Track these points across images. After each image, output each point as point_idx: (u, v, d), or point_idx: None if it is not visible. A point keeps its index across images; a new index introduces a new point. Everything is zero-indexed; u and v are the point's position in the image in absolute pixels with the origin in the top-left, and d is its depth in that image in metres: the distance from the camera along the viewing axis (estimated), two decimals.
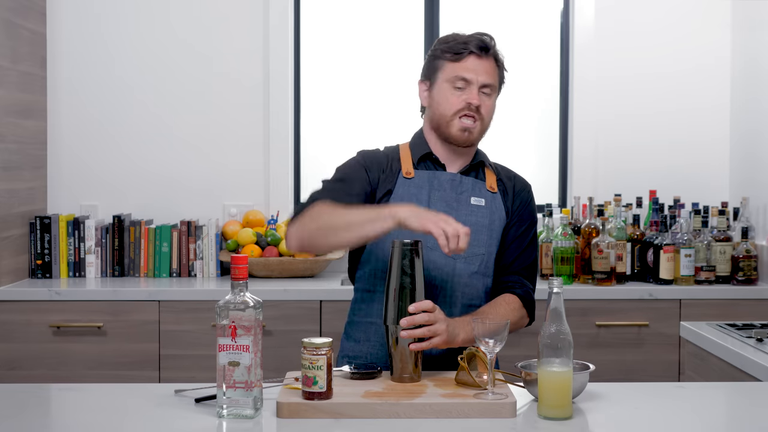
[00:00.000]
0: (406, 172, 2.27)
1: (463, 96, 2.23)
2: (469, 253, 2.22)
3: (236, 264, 1.82)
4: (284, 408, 1.81)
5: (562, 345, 1.78)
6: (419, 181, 2.26)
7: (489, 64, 2.24)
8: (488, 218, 2.27)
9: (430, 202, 2.24)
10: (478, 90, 2.23)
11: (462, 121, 2.24)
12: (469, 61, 2.22)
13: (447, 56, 2.24)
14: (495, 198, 2.31)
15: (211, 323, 3.42)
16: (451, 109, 2.24)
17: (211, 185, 4.00)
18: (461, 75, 2.22)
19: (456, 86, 2.23)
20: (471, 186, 2.29)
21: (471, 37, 2.24)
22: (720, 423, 1.91)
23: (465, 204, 2.26)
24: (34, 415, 1.89)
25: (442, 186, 2.27)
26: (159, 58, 3.99)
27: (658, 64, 4.05)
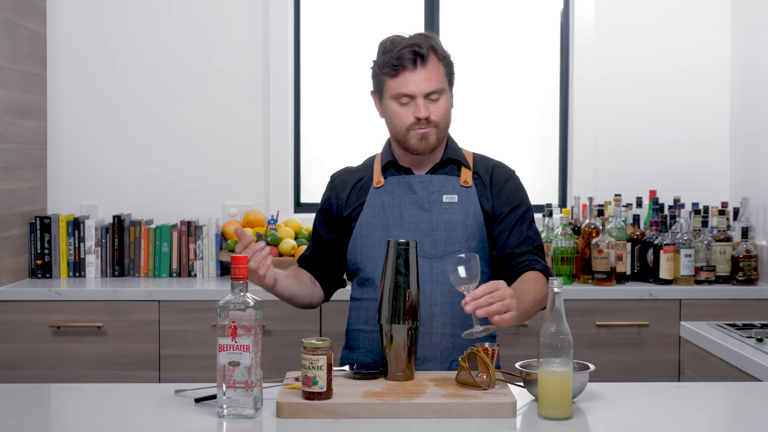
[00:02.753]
0: (377, 182, 2.32)
1: (410, 111, 2.23)
2: (444, 251, 2.23)
3: (236, 264, 1.82)
4: (284, 408, 1.81)
5: (562, 345, 1.78)
6: (389, 188, 2.31)
7: (428, 70, 2.23)
8: (462, 214, 2.27)
9: (402, 206, 2.28)
10: (423, 100, 2.22)
11: (416, 132, 2.24)
12: (407, 76, 2.22)
13: (386, 72, 2.24)
14: (469, 192, 2.30)
15: (211, 323, 3.42)
16: (403, 125, 2.25)
17: (211, 185, 4.00)
18: (402, 92, 2.23)
19: (401, 102, 2.24)
20: (442, 184, 2.30)
21: (403, 49, 2.22)
22: (720, 423, 1.91)
23: (437, 203, 2.27)
24: (34, 415, 1.89)
25: (412, 189, 2.29)
26: (159, 59, 3.99)
27: (658, 64, 4.05)
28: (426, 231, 2.25)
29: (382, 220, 2.28)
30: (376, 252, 2.25)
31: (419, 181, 2.30)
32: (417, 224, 2.26)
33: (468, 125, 4.19)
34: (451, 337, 2.24)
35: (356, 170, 2.41)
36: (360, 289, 2.32)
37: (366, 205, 2.31)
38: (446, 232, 2.25)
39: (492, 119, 4.19)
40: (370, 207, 2.30)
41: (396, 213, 2.27)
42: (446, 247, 2.24)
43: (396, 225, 2.26)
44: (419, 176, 2.31)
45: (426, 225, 2.25)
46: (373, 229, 2.28)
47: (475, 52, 4.18)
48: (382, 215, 2.29)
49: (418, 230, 2.25)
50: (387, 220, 2.27)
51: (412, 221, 2.26)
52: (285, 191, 3.99)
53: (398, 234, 2.25)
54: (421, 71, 2.22)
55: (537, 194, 4.14)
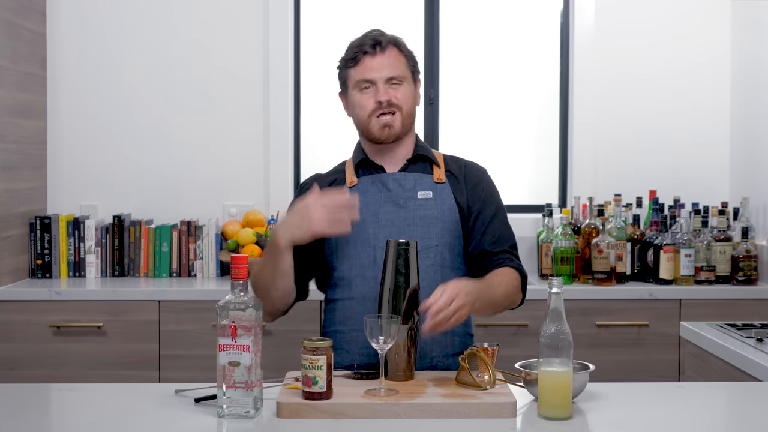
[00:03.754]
0: (350, 182, 2.31)
1: (372, 96, 2.25)
2: (421, 246, 2.22)
3: (236, 264, 1.82)
4: (284, 408, 1.81)
5: (562, 345, 1.78)
6: (363, 187, 2.30)
7: (387, 57, 2.26)
8: (438, 209, 2.27)
9: (378, 204, 2.27)
10: (384, 85, 2.25)
11: (379, 120, 2.26)
12: (366, 62, 2.26)
13: (348, 64, 2.29)
14: (443, 188, 2.30)
15: (211, 323, 3.42)
16: (365, 111, 2.27)
17: (211, 185, 4.00)
18: (363, 77, 2.26)
19: (362, 88, 2.27)
20: (416, 180, 2.30)
21: (363, 38, 2.28)
22: (720, 423, 1.91)
23: (412, 199, 2.27)
24: (34, 415, 1.89)
25: (386, 186, 2.29)
26: (159, 59, 3.99)
27: (658, 64, 4.04)
28: (402, 227, 2.24)
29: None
30: (351, 250, 2.25)
31: (393, 179, 2.30)
32: (392, 221, 2.25)
33: (468, 125, 4.20)
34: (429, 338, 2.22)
35: (326, 175, 2.40)
36: (333, 291, 2.29)
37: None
38: (422, 227, 2.25)
39: (492, 119, 4.19)
40: None
41: (371, 210, 2.26)
42: (423, 242, 2.23)
43: (371, 222, 2.25)
44: (393, 174, 2.31)
45: (402, 221, 2.24)
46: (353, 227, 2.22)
47: (475, 52, 4.18)
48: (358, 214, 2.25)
49: (394, 227, 2.24)
50: (362, 218, 2.24)
51: (387, 218, 2.25)
52: (285, 191, 3.99)
53: (374, 232, 2.24)
54: (380, 57, 2.26)
55: (537, 194, 4.15)
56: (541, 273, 3.74)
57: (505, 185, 4.14)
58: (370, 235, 2.24)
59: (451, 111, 4.18)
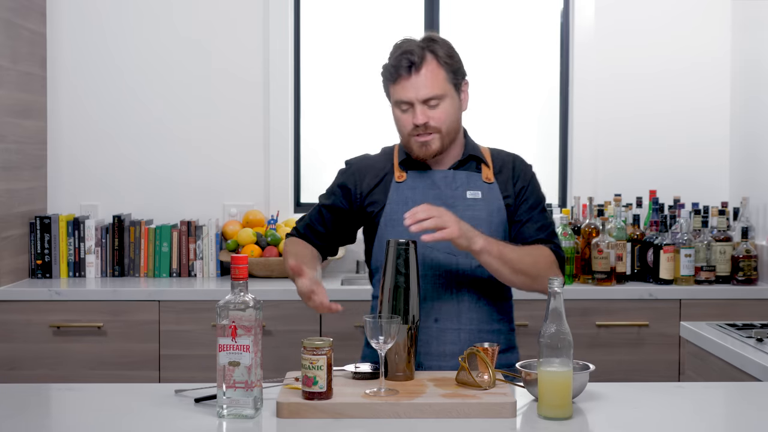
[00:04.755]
0: (398, 176, 2.30)
1: (410, 118, 2.24)
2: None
3: (236, 264, 1.82)
4: (284, 408, 1.81)
5: (562, 345, 1.78)
6: (412, 183, 2.29)
7: (424, 76, 2.21)
8: (486, 210, 2.27)
9: (427, 200, 2.24)
10: (421, 107, 2.22)
11: (417, 139, 2.25)
12: (403, 83, 2.22)
13: (387, 78, 2.27)
14: (492, 188, 2.30)
15: (211, 323, 3.42)
16: (404, 131, 2.27)
17: (211, 185, 4.00)
18: (401, 99, 2.24)
19: (402, 109, 2.25)
20: (465, 180, 2.30)
21: (400, 56, 2.22)
22: (720, 423, 1.91)
23: (461, 199, 2.27)
24: (34, 415, 1.89)
25: (435, 184, 2.29)
26: (159, 59, 3.99)
27: (658, 64, 4.05)
28: None
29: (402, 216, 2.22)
30: None
31: (442, 177, 2.30)
32: None
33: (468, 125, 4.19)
34: (478, 332, 2.26)
35: (375, 159, 2.38)
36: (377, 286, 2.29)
37: (389, 200, 2.28)
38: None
39: (492, 119, 4.18)
40: (394, 203, 2.28)
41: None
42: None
43: None
44: (442, 171, 2.30)
45: None
46: (398, 225, 2.23)
47: (475, 52, 4.18)
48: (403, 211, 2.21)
49: None
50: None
51: None
52: (285, 191, 3.99)
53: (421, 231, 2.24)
54: (415, 79, 2.21)
55: None
56: None
57: None
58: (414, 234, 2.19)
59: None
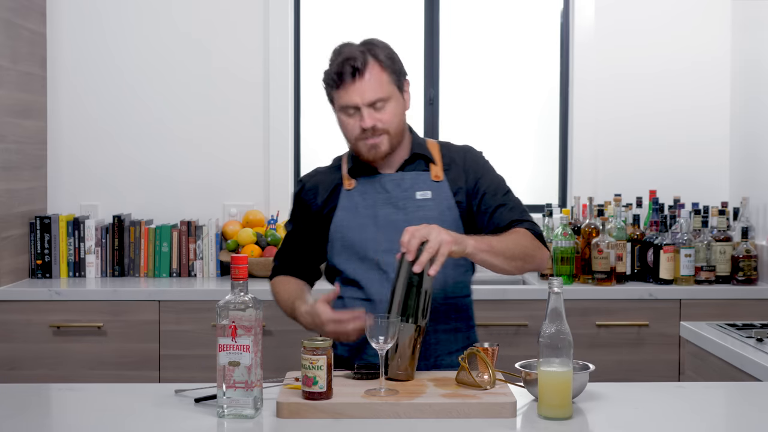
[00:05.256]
0: (347, 184, 2.32)
1: (357, 122, 2.24)
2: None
3: (236, 264, 1.82)
4: (284, 408, 1.81)
5: (562, 345, 1.78)
6: (361, 189, 2.31)
7: (368, 80, 2.21)
8: (437, 210, 2.27)
9: (375, 206, 2.27)
10: (368, 110, 2.21)
11: (365, 142, 2.25)
12: (348, 88, 2.22)
13: (331, 84, 2.26)
14: (441, 187, 2.30)
15: (211, 323, 3.42)
16: (351, 135, 2.27)
17: (211, 185, 4.00)
18: (347, 104, 2.23)
19: (348, 114, 2.25)
20: (413, 180, 2.30)
21: (343, 63, 2.22)
22: (720, 423, 1.91)
23: (411, 200, 2.28)
24: (34, 415, 1.89)
25: (384, 188, 2.29)
26: (159, 59, 3.99)
27: (658, 64, 4.04)
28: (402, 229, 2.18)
29: (356, 221, 2.27)
30: (354, 254, 2.27)
31: (391, 180, 2.30)
32: (392, 223, 2.25)
33: (468, 125, 4.19)
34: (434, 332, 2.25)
35: (326, 171, 2.42)
36: (344, 288, 2.30)
37: (339, 207, 2.30)
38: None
39: (492, 119, 4.19)
40: (344, 209, 2.30)
41: (370, 213, 2.27)
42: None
43: (371, 225, 2.26)
44: (390, 175, 2.31)
45: (402, 223, 2.20)
46: (349, 231, 2.28)
47: (475, 52, 4.18)
48: (356, 216, 2.28)
49: (394, 229, 2.20)
50: (362, 221, 2.26)
51: (387, 220, 2.26)
52: (285, 191, 3.99)
53: (374, 235, 2.25)
54: (359, 83, 2.21)
55: (537, 194, 4.15)
56: (541, 273, 3.73)
57: None
58: (370, 238, 2.26)
59: (451, 110, 4.18)
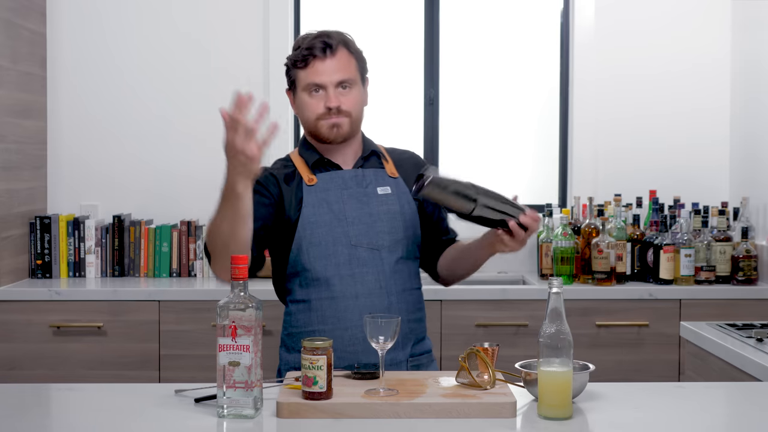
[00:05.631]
0: (308, 180, 2.30)
1: (321, 101, 2.26)
2: (390, 240, 2.28)
3: (236, 264, 1.82)
4: (284, 408, 1.81)
5: (562, 345, 1.78)
6: (323, 185, 2.30)
7: (338, 60, 2.25)
8: (398, 204, 2.32)
9: (341, 201, 2.28)
10: (334, 90, 2.25)
11: (327, 121, 2.27)
12: (317, 66, 2.25)
13: (297, 65, 2.28)
14: (398, 183, 2.35)
15: (211, 323, 3.42)
16: (313, 114, 2.27)
17: (211, 185, 3.96)
18: (312, 81, 2.25)
19: (312, 92, 2.26)
20: (374, 176, 2.33)
21: (314, 40, 2.26)
22: (720, 423, 1.91)
23: (373, 196, 2.30)
24: (34, 415, 1.89)
25: (346, 183, 2.31)
26: (159, 59, 3.99)
27: (658, 64, 4.04)
28: (370, 223, 2.28)
29: (324, 217, 2.27)
30: (324, 251, 2.25)
31: (352, 176, 2.32)
32: (359, 217, 2.27)
33: (468, 125, 4.20)
34: (408, 322, 2.28)
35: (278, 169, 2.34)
36: (307, 290, 2.28)
37: (305, 204, 2.28)
38: (388, 222, 2.29)
39: (492, 119, 4.19)
40: (310, 206, 2.27)
41: (337, 209, 2.27)
42: (390, 237, 2.28)
43: (340, 221, 2.26)
44: (351, 171, 2.33)
45: (368, 217, 2.27)
46: (317, 227, 2.26)
47: (475, 52, 4.18)
48: (324, 212, 2.27)
49: (362, 223, 2.26)
50: (329, 216, 2.27)
51: (354, 215, 2.27)
52: None
53: (344, 230, 2.25)
54: (330, 61, 2.25)
55: (537, 194, 4.15)
56: (541, 273, 3.74)
57: (505, 185, 4.16)
58: (340, 233, 2.26)
59: (451, 111, 4.18)
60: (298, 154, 2.35)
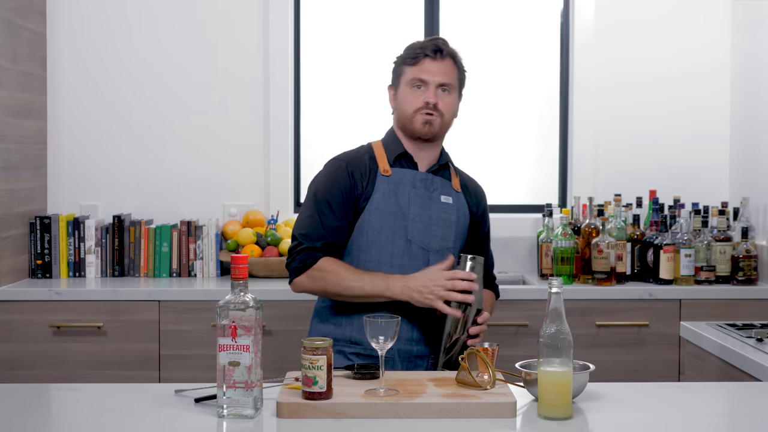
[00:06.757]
0: (384, 170, 2.43)
1: (422, 96, 2.40)
2: (440, 246, 2.41)
3: (236, 264, 1.82)
4: (284, 408, 1.81)
5: (562, 345, 1.78)
6: (397, 178, 2.43)
7: (444, 65, 2.43)
8: (455, 215, 2.46)
9: (408, 198, 2.40)
10: (435, 89, 2.40)
11: (423, 116, 2.40)
12: (425, 64, 2.42)
13: (407, 62, 2.44)
14: (459, 197, 2.50)
15: (211, 323, 3.42)
16: (412, 107, 2.41)
17: (211, 185, 4.00)
18: (418, 77, 2.42)
19: (414, 86, 2.41)
20: (441, 184, 2.47)
21: (427, 42, 2.45)
22: (720, 423, 1.92)
23: (437, 201, 2.44)
24: (34, 415, 1.89)
25: (416, 184, 2.44)
26: (159, 59, 3.99)
27: (658, 65, 4.04)
28: (427, 225, 2.41)
29: (390, 207, 2.39)
30: (382, 237, 2.37)
31: (423, 178, 2.45)
32: (420, 217, 2.40)
33: (468, 125, 4.19)
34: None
35: (358, 155, 2.47)
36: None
37: (376, 190, 2.40)
38: (442, 229, 2.42)
39: (492, 119, 4.19)
40: (380, 193, 2.40)
41: (404, 203, 2.40)
42: (441, 243, 2.42)
43: (402, 215, 2.39)
44: (423, 173, 2.46)
45: (427, 220, 2.41)
46: (383, 216, 2.38)
47: (475, 52, 4.18)
48: (391, 203, 2.39)
49: (421, 222, 2.40)
50: (395, 208, 2.39)
51: (416, 213, 2.40)
52: (285, 191, 4.00)
53: (404, 224, 2.38)
54: (439, 63, 2.41)
55: (537, 194, 4.15)
56: (541, 273, 3.74)
57: (505, 185, 4.17)
58: (401, 227, 2.38)
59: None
60: (381, 145, 2.48)
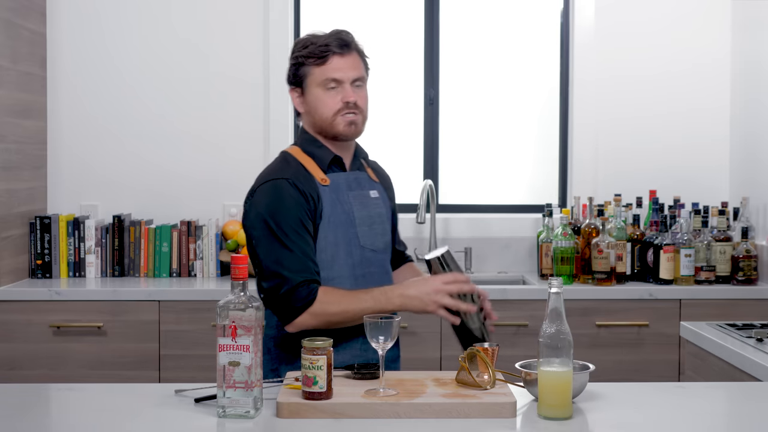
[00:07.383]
0: (321, 179, 2.27)
1: (338, 96, 2.26)
2: (384, 244, 2.35)
3: (236, 264, 1.82)
4: (284, 408, 1.81)
5: (562, 345, 1.78)
6: (335, 185, 2.29)
7: (352, 58, 2.28)
8: (384, 207, 2.39)
9: (350, 203, 2.28)
10: (350, 86, 2.27)
11: (345, 117, 2.27)
12: (335, 62, 2.26)
13: (311, 61, 2.28)
14: (379, 187, 2.41)
15: (211, 323, 3.42)
16: (331, 110, 2.26)
17: (211, 185, 4.00)
18: (331, 77, 2.26)
19: (328, 87, 2.26)
20: (367, 180, 2.38)
21: (330, 38, 2.28)
22: (720, 423, 1.92)
23: (369, 198, 2.35)
24: (34, 415, 1.89)
25: (350, 185, 2.32)
26: (159, 59, 3.99)
27: (658, 65, 4.04)
28: (370, 225, 2.32)
29: (339, 217, 2.26)
30: (340, 250, 2.25)
31: (354, 177, 2.33)
32: (363, 219, 2.30)
33: (468, 125, 4.20)
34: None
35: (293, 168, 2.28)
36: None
37: (324, 203, 2.25)
38: (381, 225, 2.35)
39: (492, 119, 4.19)
40: (328, 205, 2.26)
41: (347, 209, 2.28)
42: (383, 239, 2.35)
43: (349, 222, 2.27)
44: (352, 173, 2.34)
45: (368, 219, 2.31)
46: (336, 228, 2.25)
47: (475, 52, 4.18)
48: (339, 213, 2.26)
49: (365, 225, 2.29)
50: (344, 217, 2.26)
51: (360, 217, 2.29)
52: None
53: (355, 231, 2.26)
54: (348, 58, 2.27)
55: (537, 194, 4.15)
56: (541, 273, 3.73)
57: (505, 185, 4.17)
58: (353, 235, 2.27)
59: (451, 111, 4.18)
60: (303, 153, 2.30)
